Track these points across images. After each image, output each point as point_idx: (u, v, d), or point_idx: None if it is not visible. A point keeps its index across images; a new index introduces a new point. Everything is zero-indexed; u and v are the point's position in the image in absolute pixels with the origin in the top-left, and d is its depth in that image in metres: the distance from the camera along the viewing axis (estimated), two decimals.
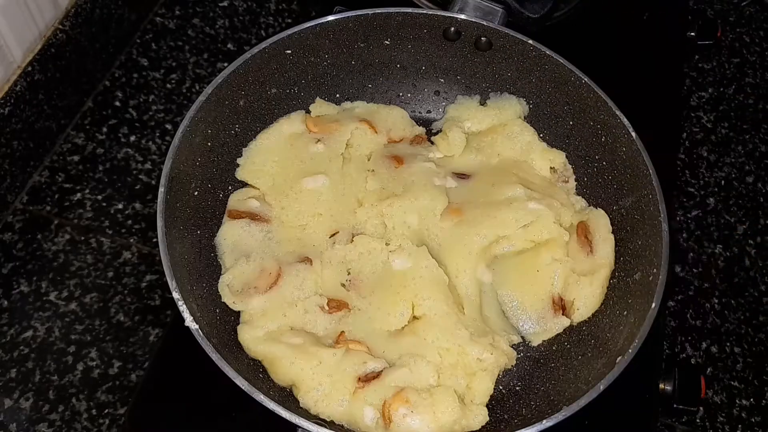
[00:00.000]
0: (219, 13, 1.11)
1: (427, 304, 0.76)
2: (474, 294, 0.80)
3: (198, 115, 0.78)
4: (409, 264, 0.79)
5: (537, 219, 0.80)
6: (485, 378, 0.73)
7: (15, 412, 0.80)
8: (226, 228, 0.82)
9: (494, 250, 0.81)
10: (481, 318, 0.79)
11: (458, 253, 0.81)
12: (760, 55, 1.17)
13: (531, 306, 0.80)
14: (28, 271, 0.88)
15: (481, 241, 0.81)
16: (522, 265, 0.82)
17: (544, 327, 0.79)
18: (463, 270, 0.80)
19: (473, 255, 0.81)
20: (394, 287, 0.78)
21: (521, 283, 0.81)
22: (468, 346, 0.73)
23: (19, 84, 0.88)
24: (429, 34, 0.88)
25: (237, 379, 0.64)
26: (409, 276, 0.78)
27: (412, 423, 0.69)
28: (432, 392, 0.71)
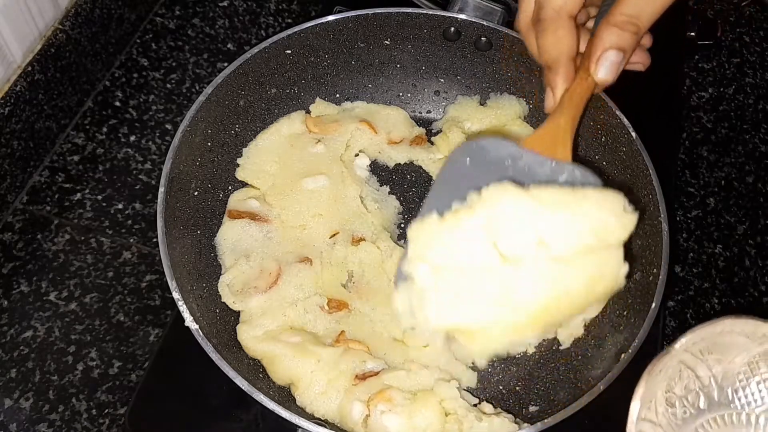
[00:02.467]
0: (219, 13, 1.11)
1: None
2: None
3: (198, 115, 0.78)
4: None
5: None
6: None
7: (15, 412, 0.80)
8: (226, 228, 0.82)
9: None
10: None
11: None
12: (760, 55, 1.17)
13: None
14: (28, 271, 0.88)
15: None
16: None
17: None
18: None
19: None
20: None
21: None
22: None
23: (19, 84, 0.88)
24: (429, 34, 0.88)
25: (237, 379, 0.64)
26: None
27: (386, 421, 0.69)
28: (416, 396, 0.71)
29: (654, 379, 0.54)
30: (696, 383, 0.55)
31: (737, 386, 0.54)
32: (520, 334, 0.55)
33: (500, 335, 0.55)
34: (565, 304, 0.54)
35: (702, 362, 0.55)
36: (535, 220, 0.53)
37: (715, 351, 0.54)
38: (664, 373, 0.55)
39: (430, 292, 0.54)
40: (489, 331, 0.54)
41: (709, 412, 0.54)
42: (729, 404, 0.55)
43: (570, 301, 0.54)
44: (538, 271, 0.53)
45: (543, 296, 0.54)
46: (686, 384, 0.55)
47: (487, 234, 0.53)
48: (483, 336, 0.55)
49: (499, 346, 0.56)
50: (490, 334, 0.54)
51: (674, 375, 0.55)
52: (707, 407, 0.55)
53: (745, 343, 0.54)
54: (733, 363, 0.54)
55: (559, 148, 0.64)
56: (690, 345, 0.55)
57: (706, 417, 0.54)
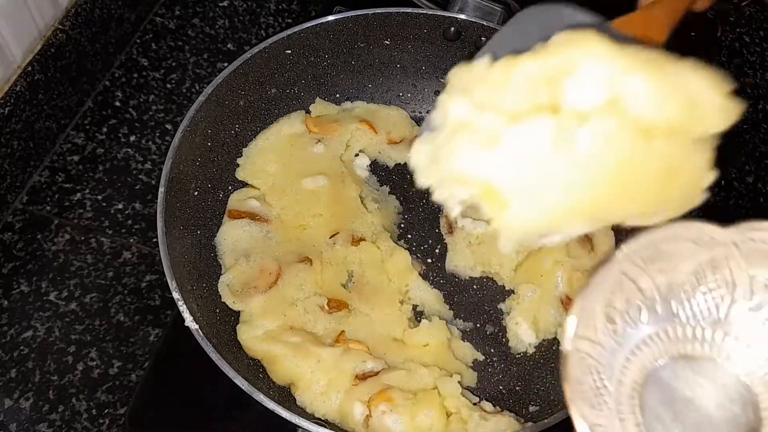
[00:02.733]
0: (219, 13, 1.11)
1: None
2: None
3: (198, 115, 0.78)
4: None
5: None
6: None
7: (15, 412, 0.79)
8: (226, 228, 0.82)
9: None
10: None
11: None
12: (760, 55, 1.17)
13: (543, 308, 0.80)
14: (28, 271, 0.88)
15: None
16: (526, 272, 0.81)
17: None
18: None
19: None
20: (397, 296, 0.79)
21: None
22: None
23: (19, 84, 0.88)
24: (429, 34, 0.88)
25: (237, 379, 0.64)
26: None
27: (388, 421, 0.69)
28: (417, 396, 0.71)
29: (593, 292, 0.48)
30: (638, 296, 0.49)
31: (682, 298, 0.49)
32: (563, 217, 0.44)
33: (538, 210, 0.43)
34: (626, 189, 0.43)
35: (644, 273, 0.48)
36: (616, 75, 0.42)
37: (659, 260, 0.48)
38: (603, 286, 0.48)
39: (463, 134, 0.43)
40: (526, 202, 0.43)
41: (652, 326, 0.49)
42: (672, 318, 0.49)
43: (632, 189, 0.43)
44: (603, 136, 0.41)
45: (602, 169, 0.42)
46: (627, 297, 0.49)
47: (548, 82, 0.42)
48: (518, 206, 0.43)
49: (532, 226, 0.44)
50: (527, 205, 0.43)
51: (615, 288, 0.48)
52: (650, 322, 0.49)
53: (691, 249, 0.48)
54: (678, 273, 0.48)
55: (654, 32, 0.54)
56: (632, 253, 0.48)
57: (648, 332, 0.49)
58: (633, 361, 0.48)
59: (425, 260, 0.85)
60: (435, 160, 0.44)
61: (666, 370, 0.48)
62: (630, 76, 0.41)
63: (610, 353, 0.47)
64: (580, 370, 0.46)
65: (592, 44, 0.42)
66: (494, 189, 0.42)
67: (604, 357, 0.47)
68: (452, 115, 0.44)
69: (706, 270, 0.48)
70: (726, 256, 0.47)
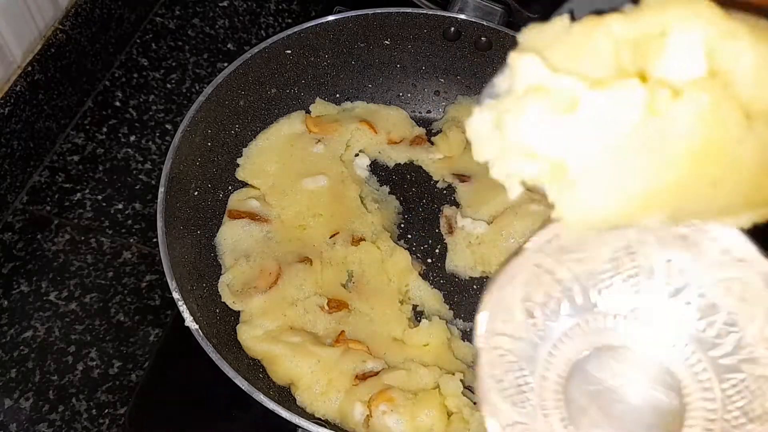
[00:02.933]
0: (219, 13, 1.11)
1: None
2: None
3: (198, 115, 0.78)
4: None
5: (539, 221, 0.80)
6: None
7: (15, 412, 0.79)
8: (226, 228, 0.82)
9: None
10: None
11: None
12: None
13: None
14: (28, 271, 0.88)
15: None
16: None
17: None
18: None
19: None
20: (397, 296, 0.79)
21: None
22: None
23: (19, 84, 0.88)
24: (429, 34, 0.88)
25: (237, 379, 0.64)
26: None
27: (389, 421, 0.69)
28: (418, 396, 0.70)
29: (506, 288, 0.45)
30: (556, 288, 0.46)
31: (600, 287, 0.46)
32: (640, 206, 0.36)
33: (613, 194, 0.36)
34: (717, 178, 0.35)
35: (561, 264, 0.46)
36: (719, 43, 0.35)
37: (575, 249, 0.45)
38: (518, 279, 0.46)
39: (534, 99, 0.36)
40: (600, 183, 0.35)
41: (573, 318, 0.47)
42: (593, 308, 0.47)
43: (724, 179, 0.36)
44: (698, 113, 0.34)
45: (693, 152, 0.34)
46: (546, 290, 0.46)
47: (637, 46, 0.36)
48: (589, 188, 0.36)
49: (602, 214, 0.37)
50: (600, 187, 0.36)
51: (531, 281, 0.46)
52: (571, 313, 0.47)
53: (606, 236, 0.45)
54: (595, 261, 0.46)
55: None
56: (544, 244, 0.45)
57: (569, 324, 0.47)
58: (556, 354, 0.46)
59: (425, 260, 0.85)
60: (499, 129, 0.37)
61: (590, 361, 0.46)
62: (736, 46, 0.35)
63: (531, 348, 0.46)
64: (500, 367, 0.44)
65: (694, 6, 0.35)
66: (565, 166, 0.36)
67: (526, 352, 0.46)
68: (522, 77, 0.36)
69: (623, 257, 0.46)
70: (641, 242, 0.45)
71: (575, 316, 0.47)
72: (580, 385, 0.46)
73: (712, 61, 0.35)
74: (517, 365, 0.45)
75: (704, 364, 0.45)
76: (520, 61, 0.36)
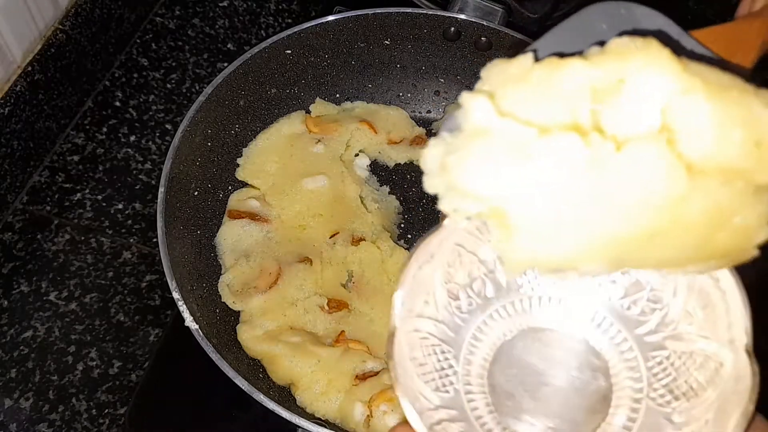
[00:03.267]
0: (219, 13, 1.11)
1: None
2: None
3: (198, 115, 0.78)
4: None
5: None
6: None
7: (15, 412, 0.79)
8: (226, 228, 0.82)
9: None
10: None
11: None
12: None
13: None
14: (28, 271, 0.88)
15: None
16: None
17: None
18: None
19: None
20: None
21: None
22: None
23: (19, 84, 0.88)
24: (429, 34, 0.88)
25: (237, 379, 0.64)
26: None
27: (390, 421, 0.69)
28: None
29: (426, 267, 0.43)
30: (480, 269, 0.45)
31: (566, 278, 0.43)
32: (579, 256, 0.37)
33: (551, 243, 0.36)
34: (660, 232, 0.36)
35: (483, 243, 0.44)
36: (674, 98, 0.35)
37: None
38: (439, 259, 0.43)
39: (480, 143, 0.36)
40: (539, 231, 0.36)
41: (498, 301, 0.45)
42: (518, 290, 0.46)
43: (668, 233, 0.36)
44: (643, 166, 0.34)
45: (635, 205, 0.35)
46: (469, 271, 0.44)
47: (594, 94, 0.36)
48: (529, 234, 0.36)
49: (540, 260, 0.37)
50: (538, 235, 0.36)
51: (453, 261, 0.44)
52: (495, 296, 0.45)
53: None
54: None
55: (737, 58, 0.45)
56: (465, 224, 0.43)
57: (494, 307, 0.45)
58: (480, 338, 0.45)
59: None
60: (445, 168, 0.37)
61: (515, 344, 0.45)
62: (692, 103, 0.35)
63: (454, 331, 0.45)
64: (422, 350, 0.43)
65: (654, 57, 0.35)
66: (504, 212, 0.36)
67: (449, 335, 0.44)
68: (472, 118, 0.36)
69: None
70: None
71: (500, 298, 0.46)
72: (506, 368, 0.45)
73: (666, 116, 0.35)
74: (440, 348, 0.44)
75: (630, 343, 0.45)
76: (471, 102, 0.36)
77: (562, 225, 0.36)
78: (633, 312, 0.45)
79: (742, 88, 0.36)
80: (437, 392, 0.42)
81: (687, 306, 0.43)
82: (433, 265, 0.44)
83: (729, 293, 0.41)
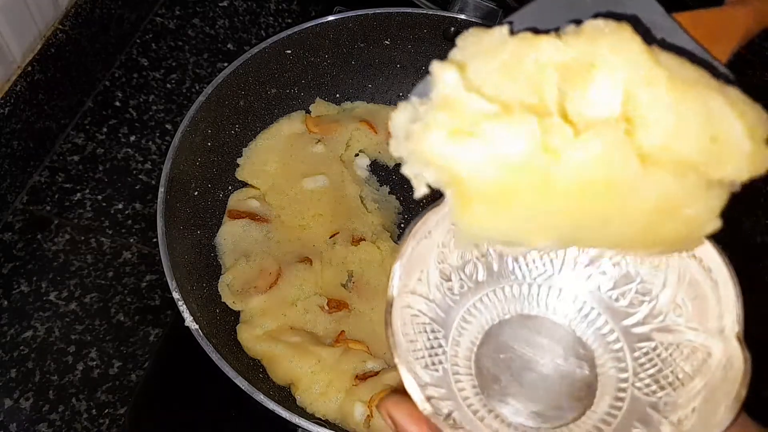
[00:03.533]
0: (219, 13, 1.11)
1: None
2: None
3: (198, 115, 0.78)
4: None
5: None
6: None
7: (15, 412, 0.79)
8: (226, 228, 0.82)
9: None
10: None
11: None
12: (760, 55, 1.17)
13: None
14: (28, 271, 0.88)
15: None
16: None
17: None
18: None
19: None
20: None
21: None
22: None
23: (19, 84, 0.88)
24: (429, 34, 0.88)
25: (237, 379, 0.64)
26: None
27: None
28: None
29: (423, 242, 0.43)
30: (474, 252, 0.45)
31: (518, 254, 0.45)
32: (528, 230, 0.38)
33: (506, 215, 0.37)
34: (610, 215, 0.37)
35: None
36: (638, 89, 0.36)
37: None
38: (435, 238, 0.43)
39: (443, 113, 0.37)
40: (495, 203, 0.37)
41: (489, 285, 0.46)
42: (509, 275, 0.46)
43: (617, 217, 0.37)
44: (601, 152, 0.35)
45: (586, 187, 0.36)
46: (462, 253, 0.45)
47: (561, 75, 0.36)
48: (481, 206, 0.37)
49: (491, 231, 0.38)
50: (495, 207, 0.37)
51: (447, 242, 0.44)
52: (486, 281, 0.45)
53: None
54: None
55: (720, 44, 0.45)
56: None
57: (485, 291, 0.46)
58: (469, 320, 0.46)
59: None
60: (409, 135, 0.38)
61: (503, 329, 0.46)
62: (652, 94, 0.35)
63: (445, 312, 0.45)
64: (413, 327, 0.43)
65: (623, 45, 0.36)
66: (461, 181, 0.37)
67: (439, 316, 0.45)
68: (439, 88, 0.37)
69: None
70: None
71: (491, 283, 0.46)
72: (493, 352, 0.45)
73: (627, 104, 0.36)
74: (430, 327, 0.44)
75: (617, 334, 0.45)
76: (441, 72, 0.37)
77: (514, 201, 0.36)
78: (621, 303, 0.45)
79: (707, 83, 0.36)
80: (426, 370, 0.42)
81: (676, 298, 0.43)
82: (430, 243, 0.44)
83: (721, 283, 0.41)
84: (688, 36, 0.44)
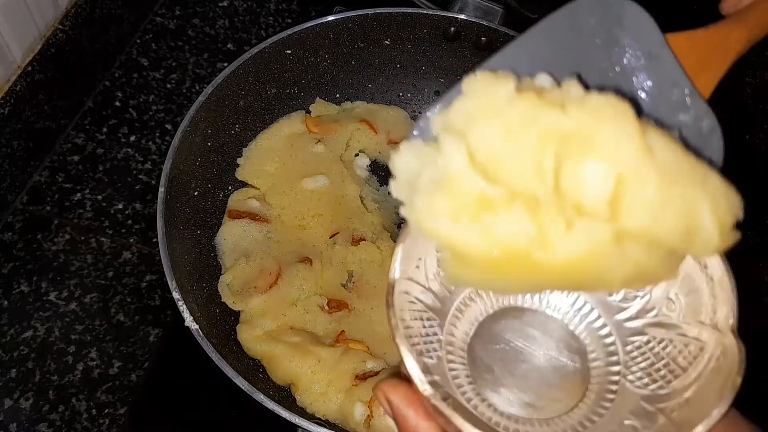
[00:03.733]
0: (219, 13, 1.11)
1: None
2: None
3: (198, 115, 0.78)
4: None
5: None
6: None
7: (15, 412, 0.79)
8: (226, 228, 0.82)
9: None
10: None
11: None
12: (760, 55, 1.17)
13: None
14: (28, 271, 0.88)
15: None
16: None
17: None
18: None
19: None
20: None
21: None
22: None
23: (19, 84, 0.88)
24: (429, 34, 0.88)
25: (237, 379, 0.64)
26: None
27: (390, 421, 0.69)
28: None
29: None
30: None
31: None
32: (517, 287, 0.41)
33: (494, 278, 0.39)
34: (588, 280, 0.39)
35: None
36: (630, 179, 0.37)
37: None
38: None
39: (449, 198, 0.38)
40: (486, 270, 0.39)
41: None
42: None
43: (594, 282, 0.40)
44: (588, 248, 0.37)
45: (571, 266, 0.38)
46: None
47: (560, 143, 0.37)
48: (475, 269, 0.39)
49: (481, 285, 0.42)
50: (485, 271, 0.39)
51: None
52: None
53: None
54: None
55: (708, 72, 0.46)
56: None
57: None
58: (464, 310, 0.46)
59: None
60: (412, 188, 0.39)
61: (497, 321, 0.47)
62: (642, 189, 0.37)
63: (440, 301, 0.45)
64: (409, 314, 0.44)
65: (622, 134, 0.37)
66: (456, 251, 0.38)
67: (435, 304, 0.45)
68: (445, 158, 0.38)
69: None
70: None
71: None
72: (486, 343, 0.46)
73: (617, 188, 0.37)
74: (426, 315, 0.44)
75: (609, 328, 0.46)
76: (447, 141, 0.38)
77: (504, 271, 0.39)
78: (614, 298, 0.46)
79: (691, 175, 0.39)
80: (422, 356, 0.42)
81: (670, 293, 0.44)
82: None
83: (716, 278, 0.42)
84: (683, 72, 0.45)
